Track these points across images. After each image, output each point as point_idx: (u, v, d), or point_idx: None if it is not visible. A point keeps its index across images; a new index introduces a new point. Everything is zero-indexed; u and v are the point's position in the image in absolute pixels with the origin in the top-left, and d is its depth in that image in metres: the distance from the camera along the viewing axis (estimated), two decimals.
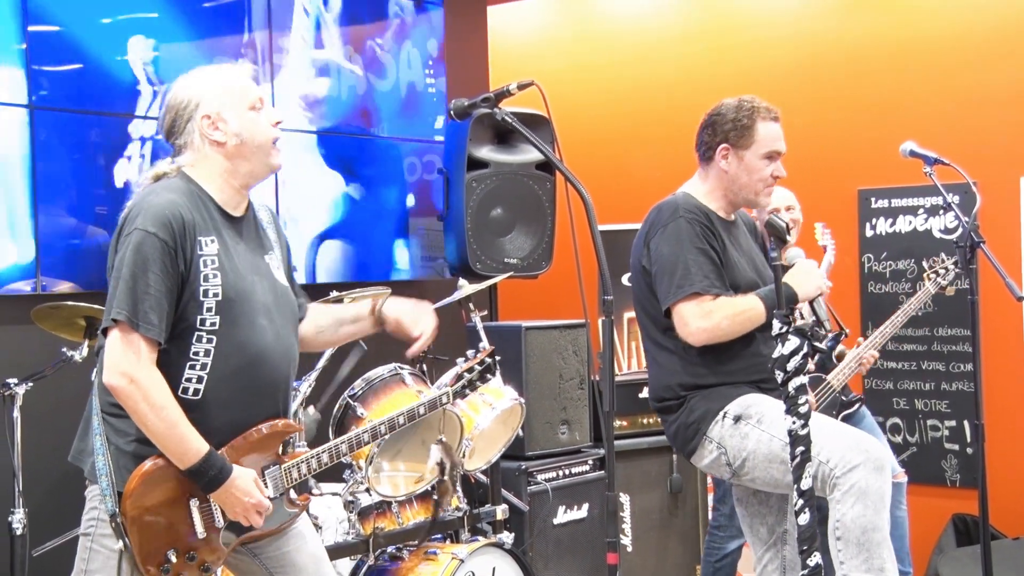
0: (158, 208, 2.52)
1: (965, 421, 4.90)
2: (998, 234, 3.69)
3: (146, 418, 2.49)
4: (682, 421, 3.27)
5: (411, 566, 3.75)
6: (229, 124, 2.62)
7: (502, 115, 2.92)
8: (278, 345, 2.67)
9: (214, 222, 2.61)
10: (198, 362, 2.55)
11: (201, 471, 2.53)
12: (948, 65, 5.01)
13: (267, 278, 2.70)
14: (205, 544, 2.60)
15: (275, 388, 2.69)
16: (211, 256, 2.56)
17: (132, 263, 2.48)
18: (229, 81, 2.67)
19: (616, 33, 6.10)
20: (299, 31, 4.83)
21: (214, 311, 2.55)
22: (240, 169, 2.65)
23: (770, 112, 3.29)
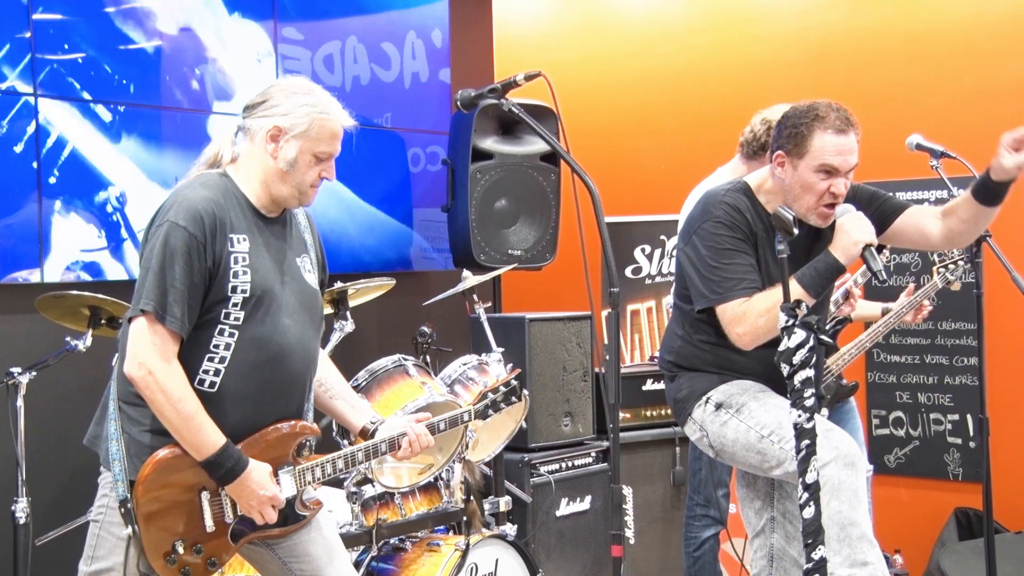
0: (191, 203, 2.54)
1: (968, 415, 4.89)
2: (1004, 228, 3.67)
3: (164, 408, 2.51)
4: (672, 396, 3.33)
5: (414, 557, 3.75)
6: (289, 151, 2.65)
7: (509, 106, 2.92)
8: (299, 346, 2.69)
9: (247, 221, 2.63)
10: (217, 355, 2.57)
11: (217, 462, 2.54)
12: (954, 58, 4.99)
13: (296, 279, 2.72)
14: (213, 538, 2.60)
15: (292, 387, 2.70)
16: (242, 253, 2.58)
17: (160, 255, 2.51)
18: (324, 121, 2.68)
19: (623, 24, 6.08)
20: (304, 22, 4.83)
21: (240, 307, 2.57)
22: (278, 189, 2.68)
23: (838, 123, 3.00)
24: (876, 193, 3.23)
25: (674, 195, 4.26)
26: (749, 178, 3.22)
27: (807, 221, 3.09)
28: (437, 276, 5.25)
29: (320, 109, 2.69)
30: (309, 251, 2.83)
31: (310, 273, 2.79)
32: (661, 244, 5.30)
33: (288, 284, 2.68)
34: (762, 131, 3.87)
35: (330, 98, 2.74)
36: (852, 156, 3.02)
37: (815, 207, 3.06)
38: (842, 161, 3.00)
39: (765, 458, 3.06)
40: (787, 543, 3.27)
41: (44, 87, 3.95)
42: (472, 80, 5.04)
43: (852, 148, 3.02)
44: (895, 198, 3.24)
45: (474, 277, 4.22)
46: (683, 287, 3.23)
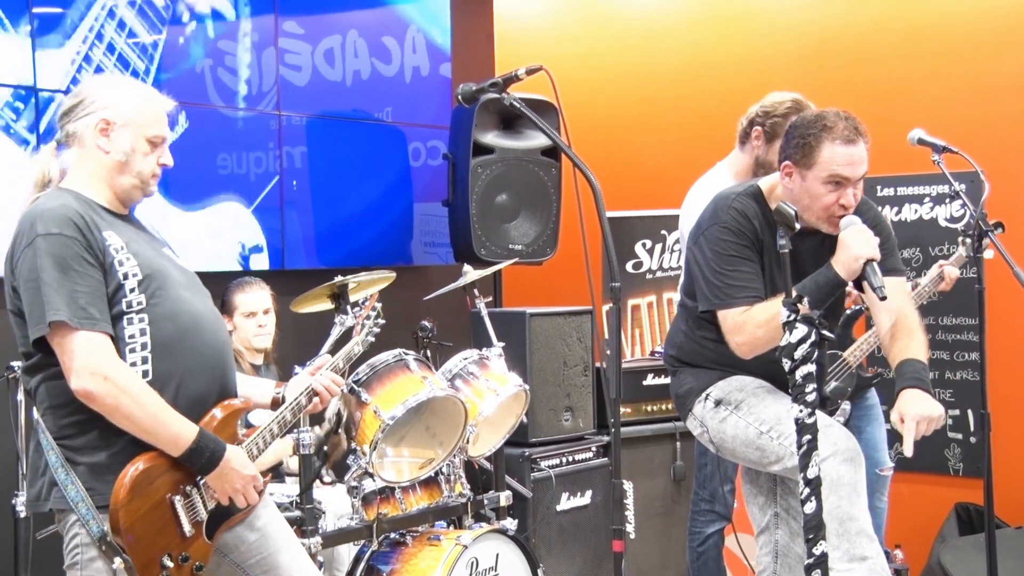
0: (53, 211, 2.49)
1: (969, 410, 4.89)
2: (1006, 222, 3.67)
3: (132, 410, 2.45)
4: (674, 391, 3.33)
5: (415, 552, 3.75)
6: (122, 141, 2.61)
7: (510, 100, 2.92)
8: (208, 312, 2.68)
9: (107, 220, 2.58)
10: (136, 343, 2.52)
11: (199, 450, 2.51)
12: (956, 53, 4.98)
13: (173, 262, 2.70)
14: (193, 541, 2.56)
15: (219, 356, 2.67)
16: (118, 244, 2.54)
17: (50, 266, 2.43)
18: (149, 107, 2.65)
19: (624, 18, 6.08)
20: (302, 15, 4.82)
21: (138, 291, 2.53)
22: (119, 183, 2.64)
23: (846, 133, 2.95)
24: (883, 242, 3.13)
25: (675, 190, 4.25)
26: (762, 181, 3.20)
27: (820, 229, 3.06)
28: (438, 270, 5.25)
29: (142, 94, 2.67)
30: (167, 246, 2.80)
31: (180, 261, 2.76)
32: (662, 239, 5.30)
33: (169, 264, 2.66)
34: (753, 113, 3.90)
35: (140, 84, 2.75)
36: (862, 166, 2.98)
37: (824, 218, 3.02)
38: (851, 172, 2.96)
39: (764, 454, 3.06)
40: (791, 539, 3.27)
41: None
42: (473, 74, 5.02)
43: (862, 158, 2.98)
44: (892, 258, 3.20)
45: (475, 272, 4.22)
46: (690, 284, 3.23)
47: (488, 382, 3.91)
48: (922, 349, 3.05)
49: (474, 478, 4.19)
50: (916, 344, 3.05)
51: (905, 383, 2.96)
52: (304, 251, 4.82)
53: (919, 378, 2.96)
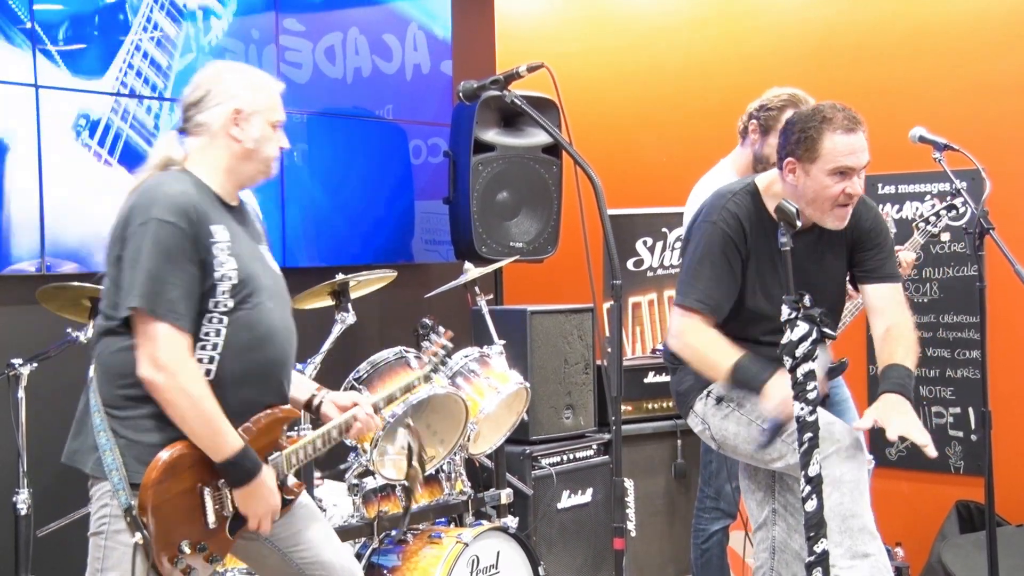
0: (172, 197, 2.54)
1: (970, 408, 4.89)
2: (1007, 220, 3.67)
3: (185, 410, 2.51)
4: (674, 388, 3.33)
5: (415, 549, 3.75)
6: (252, 129, 2.69)
7: (511, 98, 2.91)
8: (283, 326, 2.73)
9: (219, 212, 2.64)
10: (208, 342, 2.58)
11: (236, 463, 2.56)
12: (958, 51, 4.98)
13: (266, 264, 2.76)
14: (214, 534, 2.61)
15: (282, 368, 2.73)
16: (224, 242, 2.59)
17: (154, 253, 2.49)
18: (269, 93, 2.76)
19: (625, 16, 6.07)
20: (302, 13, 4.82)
21: (228, 294, 2.59)
22: (243, 170, 2.73)
23: (846, 122, 2.97)
24: (882, 245, 3.21)
25: (676, 187, 4.25)
26: (760, 178, 3.21)
27: (823, 224, 3.07)
28: (439, 268, 5.24)
29: (263, 80, 2.77)
30: (265, 241, 2.86)
31: (272, 261, 2.83)
32: (663, 236, 5.30)
33: (261, 268, 2.71)
34: (752, 109, 3.91)
35: (257, 71, 2.83)
36: (864, 154, 3.00)
37: (829, 210, 3.03)
38: (855, 160, 2.98)
39: (766, 451, 3.06)
40: (788, 536, 3.27)
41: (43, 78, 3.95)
42: (474, 72, 5.02)
43: (863, 146, 3.00)
44: (889, 263, 3.23)
45: (476, 269, 4.22)
46: None
47: (489, 380, 3.91)
48: (910, 356, 3.09)
49: (475, 476, 4.20)
50: (904, 350, 3.09)
51: (886, 387, 3.01)
52: (305, 248, 4.81)
53: (901, 384, 3.00)
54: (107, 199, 4.10)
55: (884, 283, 3.21)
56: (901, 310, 3.20)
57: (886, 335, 3.14)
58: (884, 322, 3.17)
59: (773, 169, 3.21)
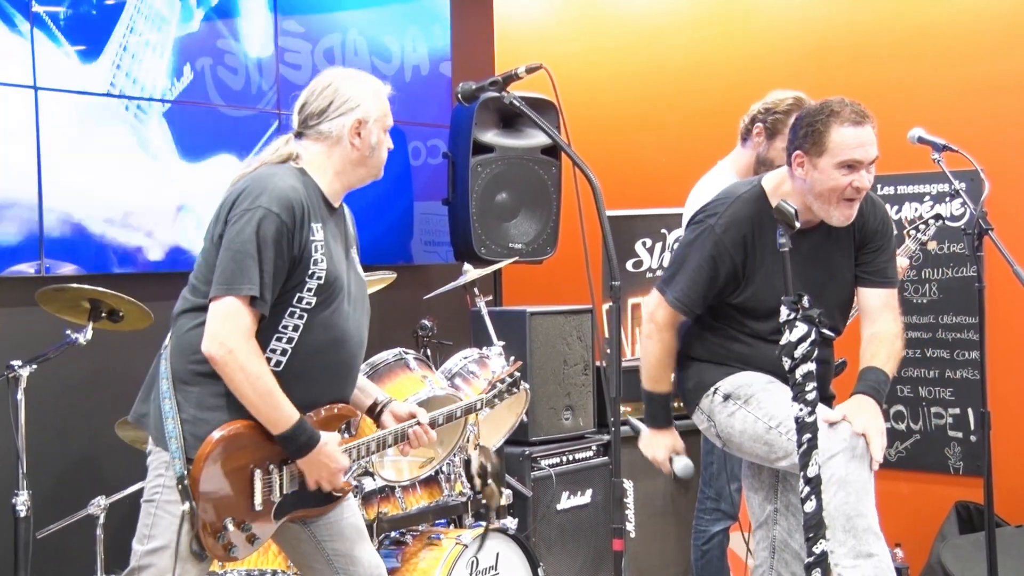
0: (282, 191, 2.62)
1: (969, 409, 4.89)
2: (1006, 221, 3.67)
3: (243, 386, 2.58)
4: (682, 385, 3.35)
5: (415, 551, 3.75)
6: (371, 137, 2.79)
7: (510, 99, 2.92)
8: (356, 331, 2.81)
9: (321, 212, 2.73)
10: (285, 335, 2.66)
11: (294, 436, 2.63)
12: (957, 52, 4.98)
13: (354, 268, 2.86)
14: (259, 516, 2.67)
15: (348, 371, 2.82)
16: (321, 241, 2.68)
17: (254, 239, 2.57)
18: (383, 99, 2.85)
19: (624, 17, 6.07)
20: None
21: (315, 292, 2.67)
22: (354, 174, 2.82)
23: (853, 116, 2.98)
24: (885, 247, 3.23)
25: (675, 188, 4.25)
26: (767, 180, 3.21)
27: (829, 220, 3.07)
28: (438, 269, 5.25)
29: (377, 88, 2.86)
30: (355, 246, 2.95)
31: (359, 267, 2.92)
32: (662, 237, 5.29)
33: (349, 273, 2.81)
34: (755, 111, 3.91)
35: (373, 78, 2.91)
36: (872, 148, 3.01)
37: (835, 203, 3.03)
38: (863, 153, 2.99)
39: (772, 449, 3.06)
40: (789, 535, 3.27)
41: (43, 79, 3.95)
42: (473, 73, 5.02)
43: (871, 139, 3.01)
44: (890, 267, 3.25)
45: (475, 270, 4.22)
46: None
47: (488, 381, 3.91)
48: (891, 362, 3.14)
49: None
50: (886, 355, 3.13)
51: (861, 388, 3.06)
52: None
53: (876, 388, 3.06)
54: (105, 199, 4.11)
55: (881, 287, 3.23)
56: (892, 315, 3.23)
57: (872, 337, 3.18)
58: (874, 326, 3.20)
59: (780, 169, 3.21)
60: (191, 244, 4.30)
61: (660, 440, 3.32)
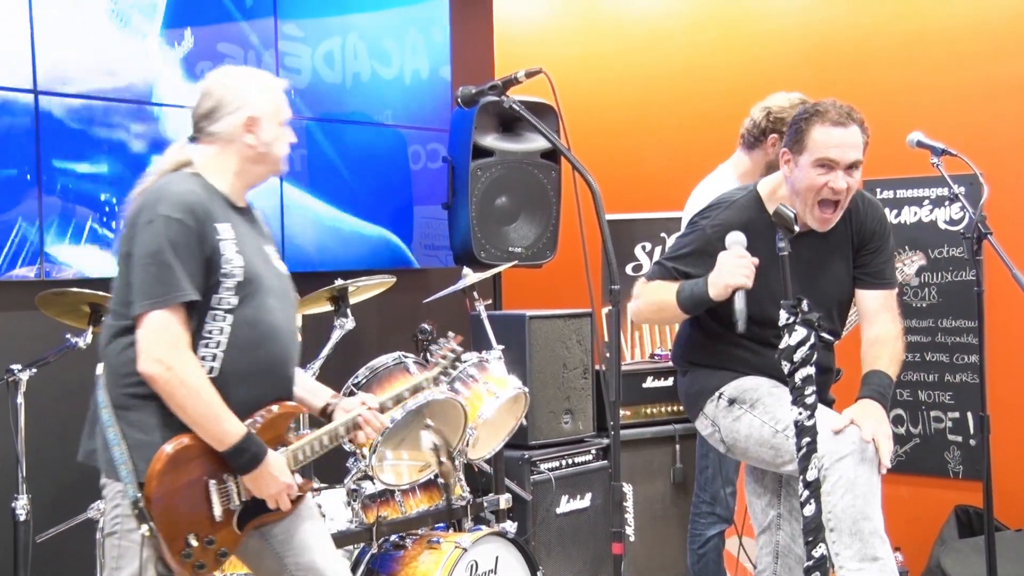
0: (179, 195, 2.59)
1: (968, 413, 4.89)
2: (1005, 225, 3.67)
3: (185, 401, 2.55)
4: (684, 390, 3.33)
5: (414, 555, 3.75)
6: (264, 133, 2.75)
7: (510, 103, 2.92)
8: (286, 324, 2.77)
9: (225, 213, 2.69)
10: (212, 339, 2.61)
11: (240, 450, 2.60)
12: (956, 56, 4.98)
13: (271, 264, 2.81)
14: (222, 528, 2.64)
15: (285, 366, 2.77)
16: (230, 239, 2.64)
17: (165, 247, 2.54)
18: (276, 94, 2.82)
19: (623, 21, 6.08)
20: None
21: (233, 291, 2.63)
22: (253, 172, 2.79)
23: (836, 116, 2.98)
24: (883, 248, 3.23)
25: (675, 192, 4.25)
26: (762, 185, 3.22)
27: (807, 223, 3.06)
28: (437, 273, 5.25)
29: (269, 83, 2.82)
30: (272, 243, 2.90)
31: (279, 261, 2.87)
32: (662, 241, 5.30)
33: (266, 267, 2.76)
34: (761, 118, 3.90)
35: (262, 73, 2.88)
36: (852, 150, 2.99)
37: (811, 202, 3.03)
38: (839, 153, 2.97)
39: (778, 453, 3.05)
40: (793, 540, 3.28)
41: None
42: (473, 77, 5.03)
43: (852, 142, 2.99)
44: (889, 268, 3.25)
45: (474, 274, 4.22)
46: None
47: (488, 385, 3.91)
48: (893, 365, 3.13)
49: (474, 481, 4.20)
50: (888, 358, 3.13)
51: (866, 392, 3.06)
52: (304, 253, 4.82)
53: (881, 392, 3.05)
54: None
55: (880, 288, 3.23)
56: (892, 317, 3.23)
57: (874, 340, 3.18)
58: (875, 328, 3.20)
59: (775, 174, 3.22)
60: None
61: (717, 266, 2.94)
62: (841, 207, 3.06)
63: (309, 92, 4.83)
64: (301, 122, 4.79)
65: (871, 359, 3.14)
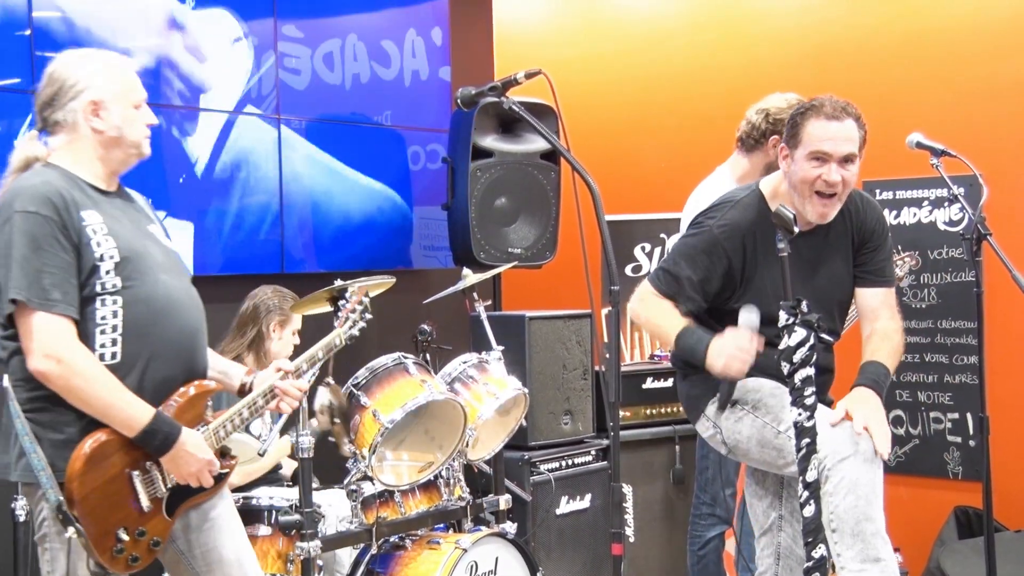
0: (32, 188, 2.52)
1: (968, 413, 4.89)
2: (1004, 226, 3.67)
3: (84, 393, 2.49)
4: (685, 392, 3.33)
5: (414, 555, 3.75)
6: (112, 116, 2.65)
7: (509, 104, 2.92)
8: (185, 297, 2.71)
9: (91, 198, 2.61)
10: (107, 325, 2.55)
11: (152, 433, 2.54)
12: (956, 57, 4.99)
13: (156, 242, 2.73)
14: (151, 517, 2.59)
15: (193, 338, 2.71)
16: (97, 224, 2.57)
17: (23, 244, 2.47)
18: (122, 74, 2.70)
19: (623, 22, 6.08)
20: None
21: (114, 273, 2.56)
22: (113, 157, 2.69)
23: (830, 110, 3.00)
24: (882, 246, 3.25)
25: (674, 193, 4.25)
26: (764, 184, 3.22)
27: (806, 215, 3.07)
28: (437, 274, 5.25)
29: (114, 64, 2.70)
30: (156, 222, 2.83)
31: (166, 239, 2.80)
32: (661, 242, 5.30)
33: (151, 245, 2.69)
34: (760, 120, 3.90)
35: (107, 53, 2.76)
36: (845, 143, 3.01)
37: (807, 195, 3.05)
38: (832, 147, 2.99)
39: (781, 454, 3.05)
40: (794, 541, 3.28)
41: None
42: (472, 78, 5.03)
43: (845, 136, 3.01)
44: (885, 269, 3.27)
45: (474, 275, 4.22)
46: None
47: (487, 386, 3.91)
48: (891, 356, 3.14)
49: (473, 482, 4.19)
50: (885, 351, 3.14)
51: (861, 381, 3.06)
52: (303, 255, 4.82)
53: (876, 381, 3.06)
54: None
55: (880, 286, 3.24)
56: (892, 314, 3.24)
57: (873, 334, 3.20)
58: (875, 324, 3.22)
59: (776, 172, 3.23)
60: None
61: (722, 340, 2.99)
62: (839, 199, 3.07)
63: (309, 93, 4.83)
64: (301, 123, 4.79)
65: (870, 351, 3.15)
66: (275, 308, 4.02)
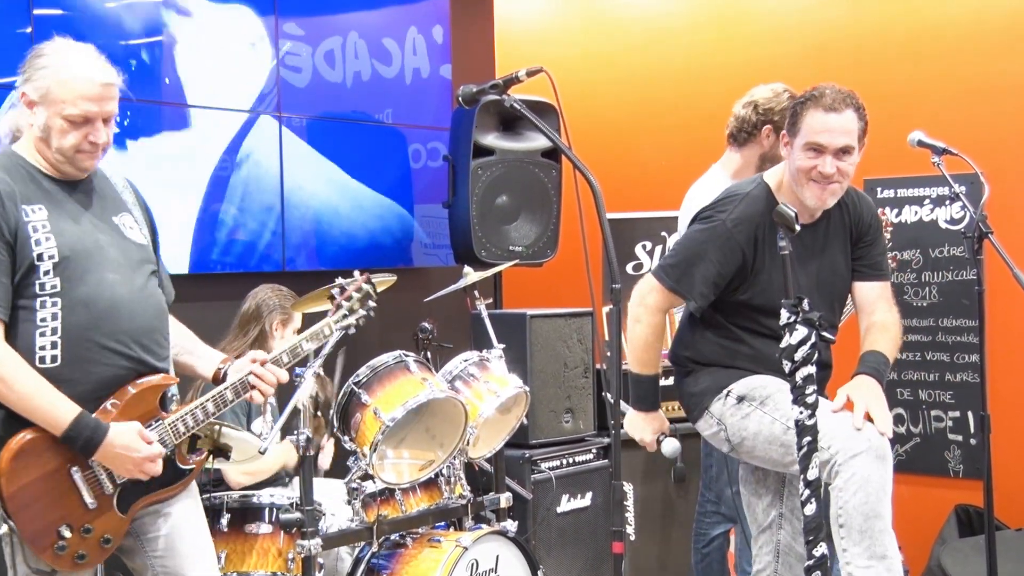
0: None
1: (969, 412, 4.89)
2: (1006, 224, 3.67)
3: (6, 395, 2.45)
4: (687, 389, 3.32)
5: (414, 553, 3.75)
6: (38, 118, 2.56)
7: (511, 102, 2.92)
8: (135, 296, 2.63)
9: (42, 191, 2.56)
10: (47, 327, 2.51)
11: (74, 435, 2.48)
12: (957, 55, 4.98)
13: (114, 236, 2.66)
14: (99, 514, 2.54)
15: (141, 340, 2.64)
16: (40, 221, 2.51)
17: None
18: (67, 86, 2.54)
19: (624, 20, 6.08)
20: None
21: (52, 273, 2.51)
22: (47, 156, 2.60)
23: (830, 101, 3.01)
24: (878, 240, 3.27)
25: (675, 191, 4.25)
26: (768, 176, 3.23)
27: (804, 200, 3.08)
28: (438, 272, 5.25)
29: (58, 70, 2.54)
30: (130, 210, 2.75)
31: (132, 230, 2.71)
32: (662, 240, 5.30)
33: (106, 242, 2.62)
34: (748, 112, 3.92)
35: (78, 55, 2.58)
36: (842, 136, 3.01)
37: (805, 184, 3.06)
38: (828, 139, 3.00)
39: (788, 451, 3.03)
40: (793, 539, 3.28)
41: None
42: (473, 76, 5.03)
43: (843, 128, 3.01)
44: (882, 263, 3.29)
45: (475, 273, 4.22)
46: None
47: (488, 384, 3.91)
48: (890, 346, 3.18)
49: (474, 480, 4.19)
50: (884, 341, 3.18)
51: (862, 369, 3.10)
52: (304, 252, 4.82)
53: (877, 369, 3.09)
54: None
55: (877, 280, 3.26)
56: (889, 306, 3.26)
57: (872, 326, 3.22)
58: (874, 316, 3.24)
59: (779, 164, 3.24)
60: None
61: (648, 422, 3.33)
62: (838, 186, 3.08)
63: (309, 91, 4.82)
64: (302, 120, 4.79)
65: (870, 341, 3.17)
66: (277, 307, 4.01)
